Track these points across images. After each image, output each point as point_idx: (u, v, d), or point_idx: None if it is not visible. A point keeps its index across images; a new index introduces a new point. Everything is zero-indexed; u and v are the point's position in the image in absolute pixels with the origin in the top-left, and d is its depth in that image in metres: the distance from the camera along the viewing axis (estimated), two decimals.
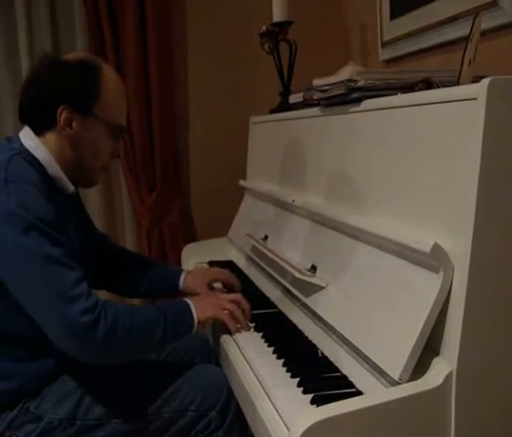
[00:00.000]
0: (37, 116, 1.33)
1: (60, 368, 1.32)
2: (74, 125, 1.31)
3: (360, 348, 1.09)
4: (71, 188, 1.36)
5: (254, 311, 1.46)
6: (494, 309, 0.95)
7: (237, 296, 1.45)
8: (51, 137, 1.32)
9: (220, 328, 1.42)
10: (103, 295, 2.03)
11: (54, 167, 1.32)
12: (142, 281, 1.66)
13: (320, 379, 1.10)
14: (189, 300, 1.36)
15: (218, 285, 1.69)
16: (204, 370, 1.41)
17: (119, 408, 1.32)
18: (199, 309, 1.34)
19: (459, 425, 0.94)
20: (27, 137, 1.33)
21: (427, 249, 0.95)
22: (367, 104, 1.29)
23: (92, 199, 2.46)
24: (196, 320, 1.33)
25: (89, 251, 1.51)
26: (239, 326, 1.39)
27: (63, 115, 1.30)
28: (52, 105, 1.30)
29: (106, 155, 1.39)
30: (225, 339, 1.39)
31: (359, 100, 1.31)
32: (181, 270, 1.68)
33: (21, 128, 1.36)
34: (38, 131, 1.33)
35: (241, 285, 1.67)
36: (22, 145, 1.31)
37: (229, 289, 1.66)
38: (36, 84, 1.33)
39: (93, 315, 1.17)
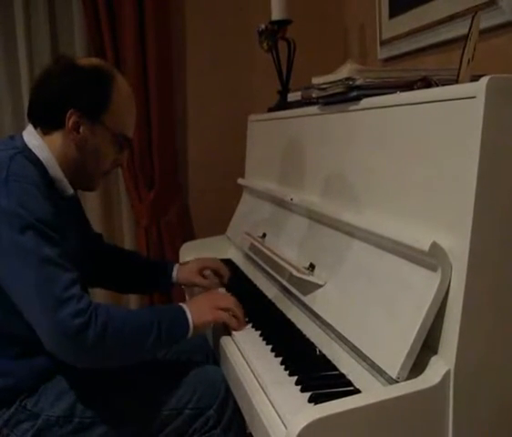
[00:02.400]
0: (46, 116, 1.33)
1: (57, 365, 1.31)
2: (81, 129, 1.32)
3: (358, 346, 1.09)
4: (70, 190, 1.36)
5: (252, 310, 1.46)
6: (492, 307, 0.95)
7: (230, 298, 1.46)
8: (57, 137, 1.32)
9: (220, 327, 1.42)
10: (100, 293, 2.06)
11: (55, 168, 1.32)
12: (136, 277, 1.71)
13: (318, 377, 1.10)
14: (185, 306, 1.34)
15: (208, 273, 1.72)
16: (202, 369, 1.40)
17: (117, 406, 1.31)
18: (195, 315, 1.33)
19: (457, 424, 0.94)
20: (31, 136, 1.32)
21: (426, 248, 0.95)
22: (366, 102, 1.29)
23: (90, 197, 2.45)
24: (191, 326, 1.31)
25: (86, 252, 1.51)
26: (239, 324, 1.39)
27: (71, 119, 1.30)
28: (62, 107, 1.30)
29: (108, 163, 1.40)
30: (223, 337, 1.39)
31: (358, 99, 1.31)
32: (174, 264, 1.71)
33: (19, 128, 1.35)
34: (45, 130, 1.33)
35: (232, 277, 1.74)
36: (25, 143, 1.31)
37: (218, 277, 1.72)
38: (49, 84, 1.33)
39: (84, 318, 1.16)
